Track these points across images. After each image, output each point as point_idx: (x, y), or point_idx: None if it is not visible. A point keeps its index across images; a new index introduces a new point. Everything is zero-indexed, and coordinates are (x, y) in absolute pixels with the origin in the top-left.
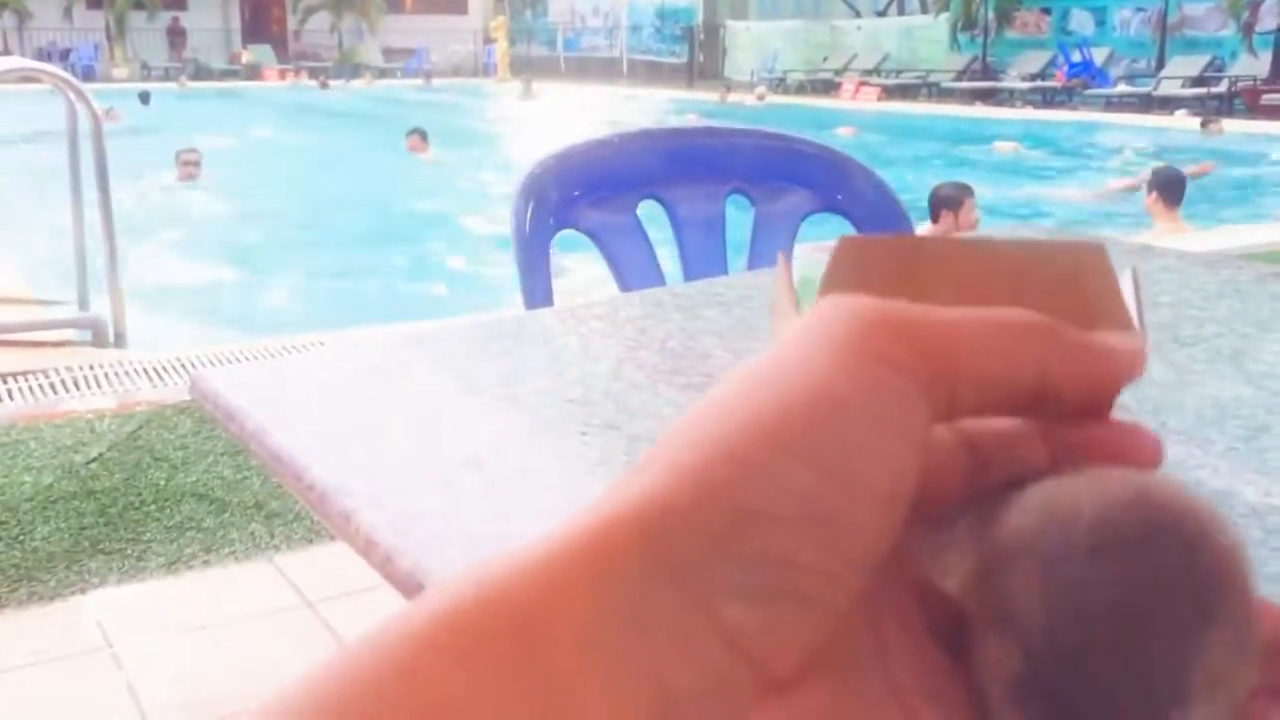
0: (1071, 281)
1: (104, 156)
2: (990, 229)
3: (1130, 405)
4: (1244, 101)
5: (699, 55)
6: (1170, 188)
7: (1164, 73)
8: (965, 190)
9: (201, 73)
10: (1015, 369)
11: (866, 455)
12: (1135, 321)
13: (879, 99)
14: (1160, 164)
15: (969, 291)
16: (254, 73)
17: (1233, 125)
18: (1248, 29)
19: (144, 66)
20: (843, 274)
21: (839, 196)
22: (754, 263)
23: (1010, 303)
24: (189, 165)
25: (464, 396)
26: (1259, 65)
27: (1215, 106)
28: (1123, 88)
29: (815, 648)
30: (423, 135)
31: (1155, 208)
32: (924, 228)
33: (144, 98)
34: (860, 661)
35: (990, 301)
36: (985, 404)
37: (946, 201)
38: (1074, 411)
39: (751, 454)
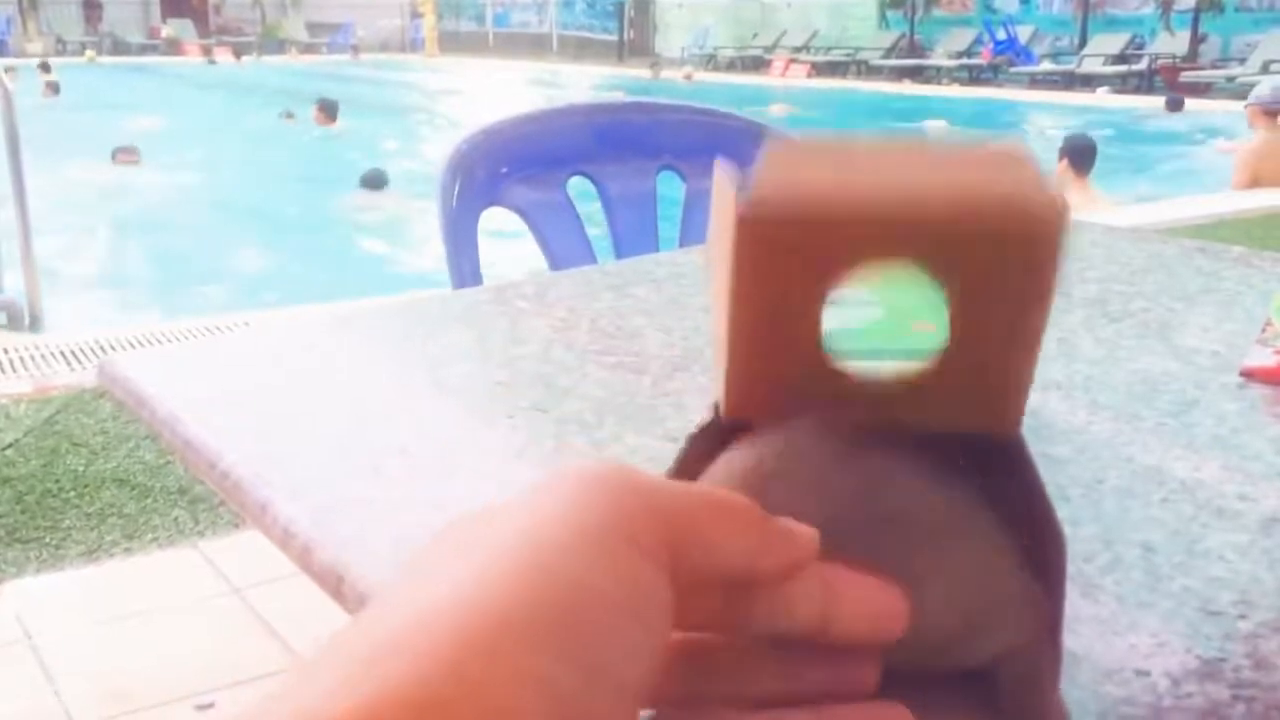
0: (1020, 242)
1: (16, 133)
2: None
3: (1061, 381)
4: (1163, 79)
5: (630, 31)
6: (1080, 155)
7: (1086, 51)
8: None
9: (119, 48)
10: (728, 555)
11: (619, 646)
12: (1057, 195)
13: (808, 76)
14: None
15: (896, 184)
16: (174, 48)
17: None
18: (1166, 7)
19: (58, 41)
20: (777, 159)
21: None
22: (686, 240)
23: (940, 263)
24: (129, 154)
25: (389, 380)
26: (1177, 43)
27: (1136, 84)
28: (1047, 65)
29: None
30: (327, 107)
31: (1065, 175)
32: None
33: (45, 68)
34: None
35: (912, 181)
36: (698, 581)
37: None
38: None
39: (510, 650)
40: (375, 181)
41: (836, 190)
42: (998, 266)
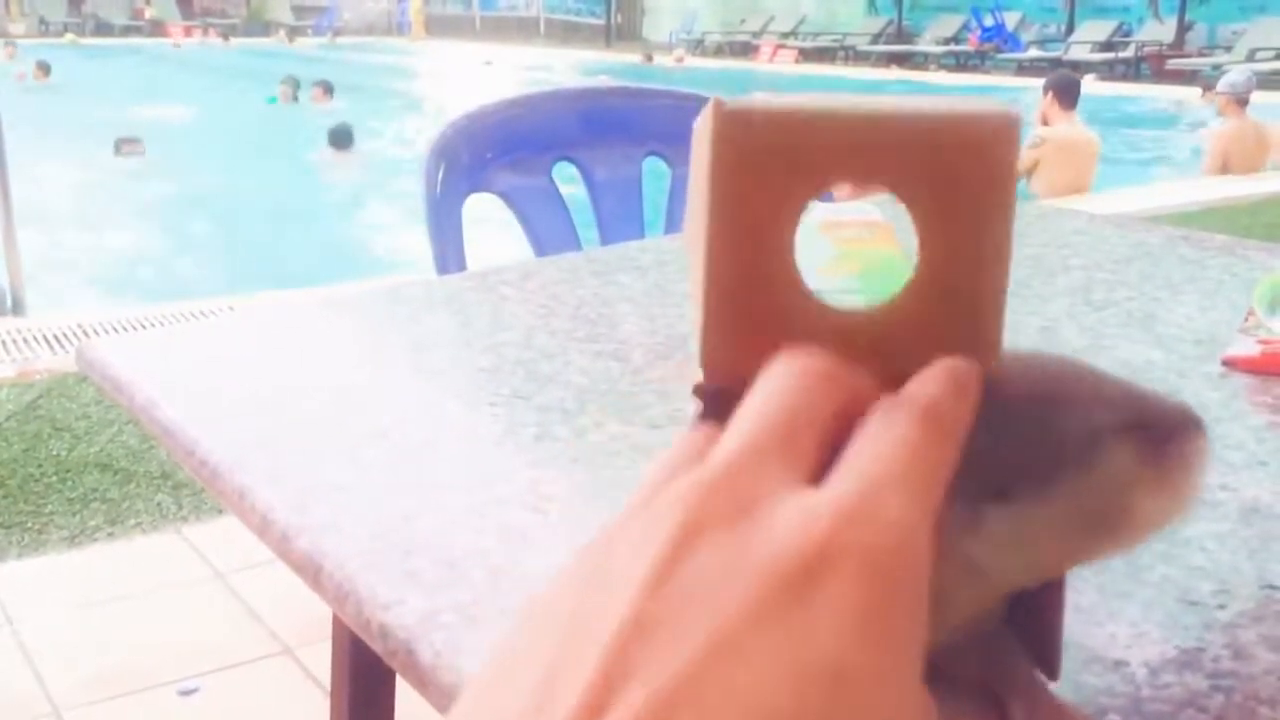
0: (975, 151)
1: None
2: None
3: None
4: (1150, 66)
5: (617, 16)
6: (1065, 89)
7: (1073, 37)
8: None
9: (102, 28)
10: None
11: None
12: (1009, 109)
13: (796, 61)
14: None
15: (865, 105)
16: (157, 29)
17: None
18: None
19: (41, 21)
20: (729, 148)
21: None
22: (672, 227)
23: (903, 176)
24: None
25: (370, 365)
26: (1164, 31)
27: (1123, 71)
28: (1034, 52)
29: None
30: (294, 86)
31: (1051, 109)
32: None
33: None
34: None
35: (879, 174)
36: None
37: None
38: None
39: None
40: (341, 139)
41: (808, 103)
42: (958, 177)
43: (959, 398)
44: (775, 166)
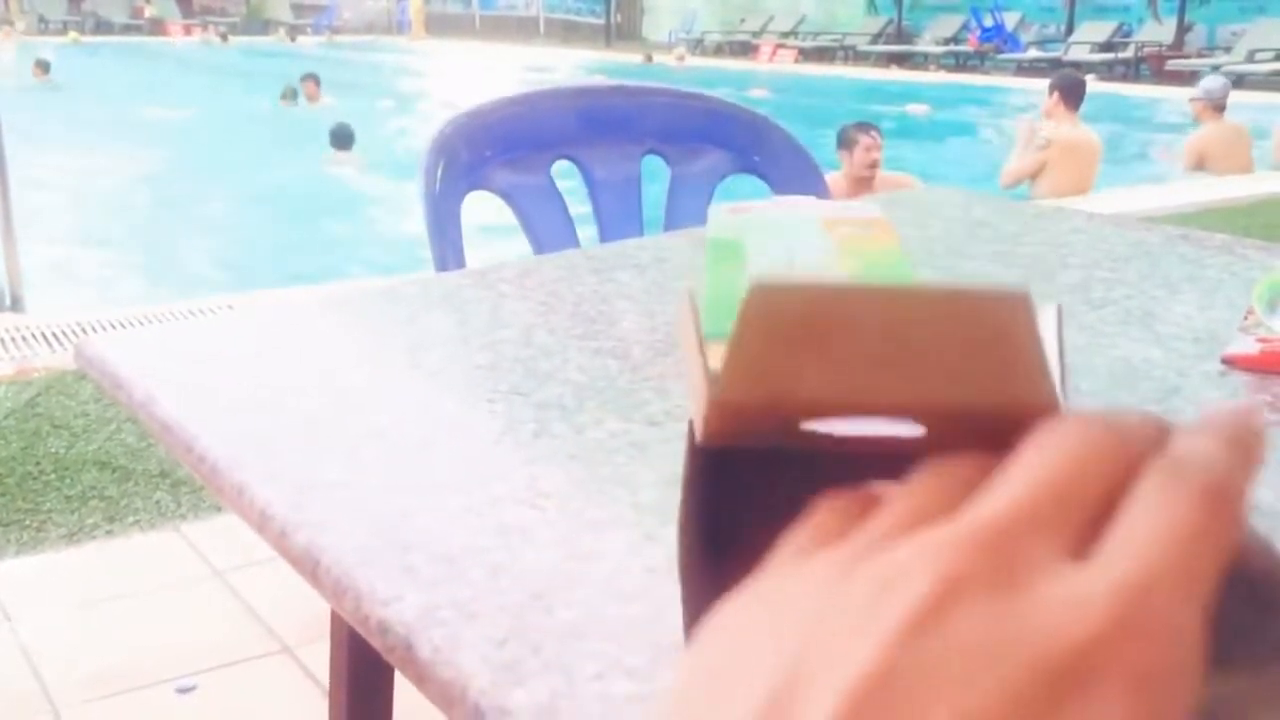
0: (992, 333)
1: None
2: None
3: None
4: (1150, 67)
5: (617, 15)
6: (1071, 90)
7: (1073, 38)
8: (863, 129)
9: (101, 27)
10: None
11: None
12: (1056, 380)
13: (795, 61)
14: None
15: (882, 345)
16: (157, 27)
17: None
18: None
19: (40, 20)
20: (753, 324)
21: (756, 158)
22: (670, 224)
23: (926, 357)
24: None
25: (369, 362)
26: (1164, 31)
27: (1122, 72)
28: (1033, 53)
29: None
30: (295, 90)
31: (1056, 109)
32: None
33: None
34: None
35: (904, 360)
36: None
37: (841, 140)
38: None
39: None
40: (342, 139)
41: (816, 373)
42: (984, 429)
43: (1241, 465)
44: (773, 430)
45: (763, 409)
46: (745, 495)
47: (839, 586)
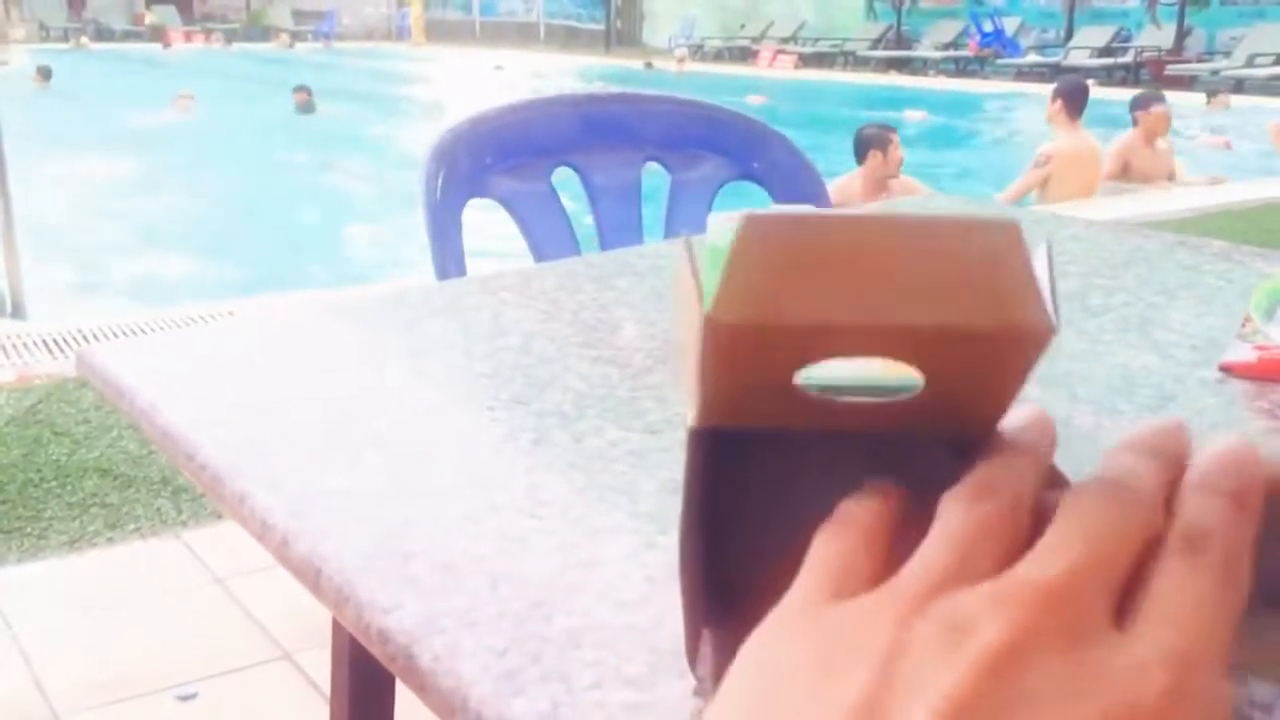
0: (984, 261)
1: None
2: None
3: (1040, 374)
4: (1149, 72)
5: (617, 21)
6: (1073, 97)
7: (1073, 43)
8: (890, 130)
9: (103, 34)
10: None
11: None
12: (1048, 302)
13: (795, 67)
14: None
15: (876, 272)
16: (158, 34)
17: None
18: (1152, 0)
19: (42, 27)
20: (748, 254)
21: (755, 165)
22: (670, 232)
23: (919, 285)
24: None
25: (370, 370)
26: (1163, 36)
27: (1122, 76)
28: (1033, 58)
29: None
30: (309, 92)
31: (1058, 117)
32: (842, 179)
33: None
34: None
35: (897, 284)
36: None
37: (873, 141)
38: None
39: None
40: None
41: (810, 297)
42: (979, 360)
43: (1248, 524)
44: (771, 359)
45: (755, 338)
46: (742, 480)
47: (906, 626)
